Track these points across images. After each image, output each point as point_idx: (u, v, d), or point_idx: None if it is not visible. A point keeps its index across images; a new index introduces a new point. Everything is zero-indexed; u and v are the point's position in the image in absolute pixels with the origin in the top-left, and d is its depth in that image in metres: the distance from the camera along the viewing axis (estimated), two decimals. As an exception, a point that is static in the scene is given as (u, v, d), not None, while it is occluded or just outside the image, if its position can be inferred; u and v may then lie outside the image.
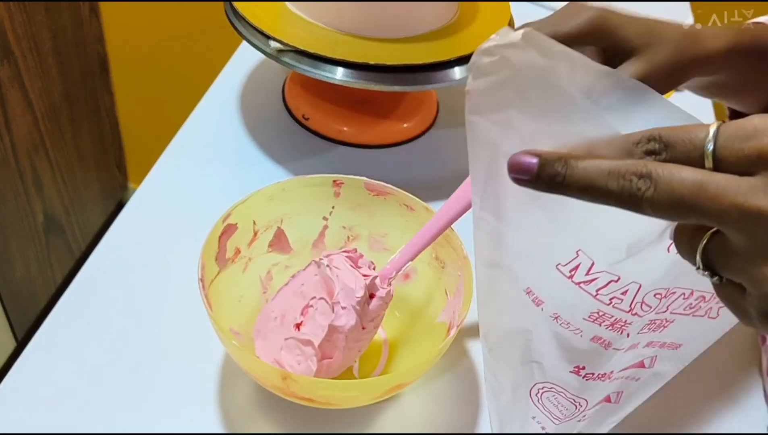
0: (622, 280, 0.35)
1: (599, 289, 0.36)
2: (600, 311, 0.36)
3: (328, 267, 0.51)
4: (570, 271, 0.35)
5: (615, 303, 0.36)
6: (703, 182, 0.25)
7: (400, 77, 0.66)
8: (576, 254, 0.35)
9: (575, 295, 0.36)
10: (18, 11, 1.19)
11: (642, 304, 0.36)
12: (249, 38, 0.68)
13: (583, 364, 0.39)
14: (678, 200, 0.25)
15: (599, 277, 0.35)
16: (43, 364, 0.55)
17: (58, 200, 1.46)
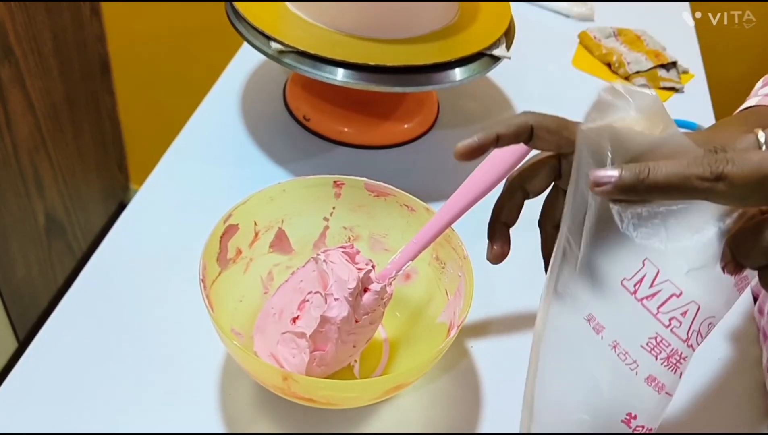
0: (683, 295, 0.36)
1: (660, 305, 0.36)
2: (658, 336, 0.37)
3: (324, 261, 0.51)
4: (635, 284, 0.37)
5: (674, 326, 0.37)
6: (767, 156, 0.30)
7: (401, 78, 0.66)
8: (642, 264, 0.36)
9: (637, 315, 0.37)
10: (19, 12, 1.19)
11: (698, 333, 0.37)
12: (250, 39, 0.68)
13: (635, 412, 0.39)
14: (754, 168, 0.30)
15: (663, 288, 0.36)
16: (44, 365, 0.55)
17: (59, 201, 1.46)
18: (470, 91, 0.89)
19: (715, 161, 0.30)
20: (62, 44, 1.34)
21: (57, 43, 1.32)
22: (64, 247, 1.52)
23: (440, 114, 0.85)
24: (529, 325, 0.62)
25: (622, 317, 0.37)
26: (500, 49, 0.72)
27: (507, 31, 0.75)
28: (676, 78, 0.95)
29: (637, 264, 0.36)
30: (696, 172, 0.30)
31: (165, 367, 0.55)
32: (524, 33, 0.92)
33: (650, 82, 0.93)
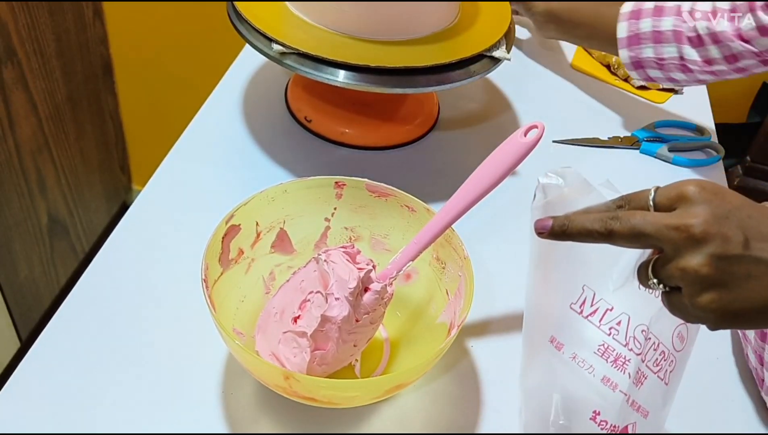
0: (615, 309, 0.48)
1: (601, 319, 0.48)
2: (605, 343, 0.48)
3: (325, 261, 0.51)
4: (580, 306, 0.49)
5: (613, 334, 0.48)
6: (646, 215, 0.40)
7: (402, 79, 0.67)
8: (582, 289, 0.49)
9: (586, 329, 0.48)
10: (22, 13, 1.19)
11: (634, 338, 0.48)
12: (252, 41, 0.69)
13: (598, 409, 0.49)
14: (632, 228, 0.40)
15: (600, 305, 0.48)
16: (47, 365, 0.55)
17: (62, 202, 1.46)
18: (470, 93, 0.89)
19: (609, 219, 0.41)
20: (65, 46, 1.34)
21: (60, 45, 1.33)
22: (66, 248, 1.52)
23: (440, 115, 0.86)
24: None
25: (576, 333, 0.49)
26: (500, 50, 0.72)
27: (507, 32, 0.75)
28: (676, 79, 0.95)
29: (579, 290, 0.49)
30: (595, 228, 0.41)
31: (167, 366, 0.56)
32: (524, 34, 0.93)
33: (649, 83, 0.93)
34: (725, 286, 0.39)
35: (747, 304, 0.39)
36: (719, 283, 0.39)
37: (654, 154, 0.83)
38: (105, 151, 1.61)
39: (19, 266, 1.35)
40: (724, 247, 0.38)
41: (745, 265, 0.39)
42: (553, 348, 0.49)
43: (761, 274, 0.39)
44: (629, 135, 0.85)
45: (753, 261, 0.38)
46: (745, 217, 0.39)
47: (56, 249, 1.48)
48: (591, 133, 0.85)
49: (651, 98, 0.93)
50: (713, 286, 0.39)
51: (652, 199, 0.41)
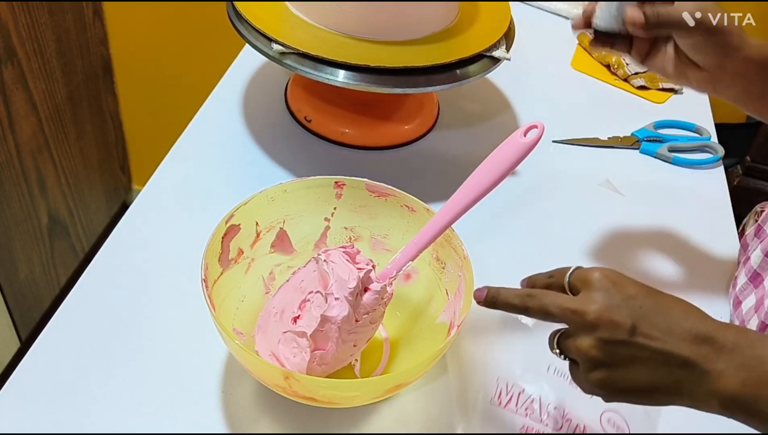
0: (526, 391, 0.55)
1: (517, 405, 0.55)
2: (525, 426, 0.54)
3: (325, 262, 0.51)
4: (498, 398, 0.55)
5: (530, 414, 0.55)
6: (556, 297, 0.45)
7: (402, 79, 0.67)
8: (497, 383, 0.56)
9: (505, 419, 0.54)
10: (22, 13, 1.19)
11: (548, 415, 0.54)
12: (252, 41, 0.69)
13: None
14: (542, 307, 0.45)
15: (512, 392, 0.55)
16: (46, 365, 0.55)
17: (62, 202, 1.47)
18: (470, 93, 0.89)
19: (526, 296, 0.46)
20: (65, 46, 1.35)
21: (60, 45, 1.33)
22: (66, 248, 1.52)
23: (440, 115, 0.86)
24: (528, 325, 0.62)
25: (497, 426, 0.54)
26: (500, 50, 0.72)
27: (507, 32, 0.75)
28: (675, 79, 0.95)
29: (494, 383, 0.56)
30: (515, 303, 0.46)
31: (167, 366, 0.56)
32: (524, 34, 0.93)
33: (649, 83, 0.93)
34: (612, 366, 0.43)
35: (632, 383, 0.43)
36: (607, 363, 0.43)
37: (654, 154, 0.83)
38: (105, 150, 1.61)
39: (19, 266, 1.35)
40: (611, 332, 0.42)
41: (629, 349, 0.42)
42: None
43: (645, 359, 0.42)
44: (629, 135, 0.85)
45: (637, 347, 0.42)
46: (637, 306, 0.43)
47: (56, 249, 1.48)
48: (591, 133, 0.85)
49: (651, 98, 0.93)
50: (602, 365, 0.43)
51: (568, 280, 0.46)
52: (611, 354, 0.43)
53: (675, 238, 0.73)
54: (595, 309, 0.43)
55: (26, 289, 1.39)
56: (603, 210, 0.75)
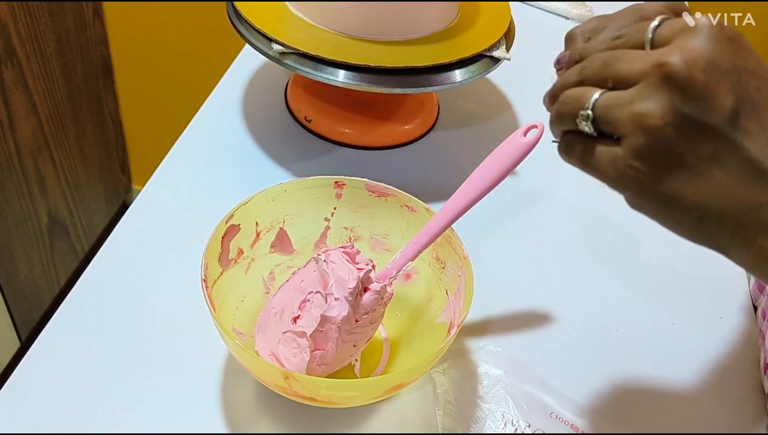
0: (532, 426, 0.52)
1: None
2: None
3: (325, 262, 0.51)
4: None
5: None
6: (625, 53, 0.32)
7: (402, 79, 0.67)
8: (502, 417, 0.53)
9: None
10: (22, 13, 1.19)
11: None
12: (251, 41, 0.69)
13: None
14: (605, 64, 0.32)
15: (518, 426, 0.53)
16: (46, 365, 0.55)
17: (62, 202, 1.47)
18: (470, 93, 0.89)
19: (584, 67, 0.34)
20: (65, 46, 1.35)
21: (60, 45, 1.33)
22: (66, 248, 1.52)
23: (440, 115, 0.86)
24: (529, 325, 0.62)
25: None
26: (500, 50, 0.72)
27: (507, 32, 0.75)
28: (675, 79, 0.95)
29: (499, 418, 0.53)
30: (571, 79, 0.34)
31: (167, 366, 0.56)
32: (524, 34, 0.93)
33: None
34: (677, 157, 0.30)
35: (690, 192, 0.31)
36: (667, 150, 0.30)
37: (654, 154, 0.83)
38: (105, 150, 1.61)
39: (19, 266, 1.35)
40: (701, 106, 0.29)
41: (714, 144, 0.30)
42: None
43: (729, 164, 0.30)
44: (629, 135, 0.85)
45: (728, 144, 0.29)
46: (752, 86, 0.29)
47: (56, 249, 1.48)
48: (591, 133, 0.85)
49: (651, 98, 0.92)
50: (658, 151, 0.30)
51: (652, 32, 0.31)
52: (683, 140, 0.30)
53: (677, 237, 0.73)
54: (688, 62, 0.29)
55: (26, 289, 1.39)
56: (603, 210, 0.75)
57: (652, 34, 0.31)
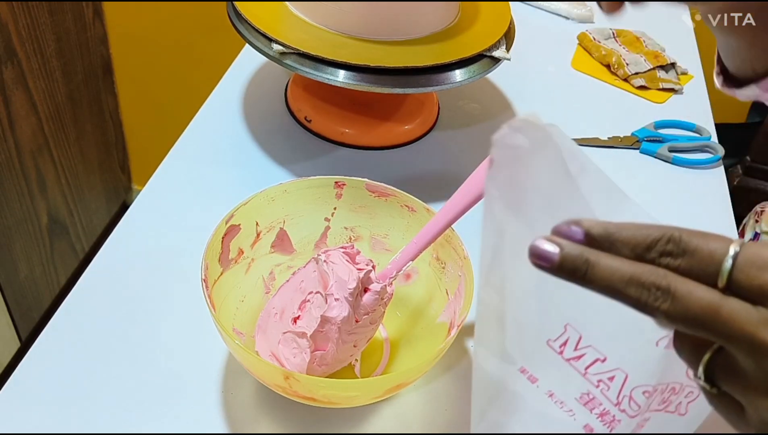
0: (608, 361, 0.36)
1: (587, 367, 0.36)
2: (590, 393, 0.37)
3: (325, 262, 0.51)
4: (560, 346, 0.36)
5: (602, 388, 0.36)
6: (719, 305, 0.27)
7: (402, 79, 0.67)
8: (564, 329, 0.36)
9: (566, 372, 0.36)
10: (22, 13, 1.19)
11: (630, 399, 0.36)
12: (251, 41, 0.69)
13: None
14: (692, 318, 0.27)
15: (586, 352, 0.36)
16: (46, 365, 0.55)
17: (62, 201, 1.47)
18: (470, 92, 0.89)
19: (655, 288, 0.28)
20: (65, 46, 1.35)
21: (60, 45, 1.33)
22: (66, 248, 1.52)
23: (440, 115, 0.86)
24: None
25: (553, 372, 0.37)
26: (500, 50, 0.72)
27: (507, 32, 0.75)
28: (675, 79, 0.95)
29: (560, 328, 0.36)
30: (630, 293, 0.28)
31: (167, 366, 0.56)
32: (524, 34, 0.93)
33: (649, 83, 0.93)
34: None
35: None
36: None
37: (654, 154, 0.83)
38: (105, 150, 1.61)
39: (19, 266, 1.35)
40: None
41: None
42: (526, 380, 0.38)
43: None
44: (629, 135, 0.85)
45: None
46: None
47: (56, 249, 1.48)
48: (591, 133, 0.85)
49: (651, 98, 0.93)
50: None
51: (730, 267, 0.27)
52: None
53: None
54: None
55: (26, 289, 1.39)
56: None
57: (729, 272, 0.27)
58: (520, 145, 0.35)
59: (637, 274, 0.28)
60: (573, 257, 0.29)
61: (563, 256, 0.29)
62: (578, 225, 0.30)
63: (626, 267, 0.28)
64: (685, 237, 0.28)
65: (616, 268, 0.28)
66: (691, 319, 0.27)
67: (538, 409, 0.38)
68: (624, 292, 0.28)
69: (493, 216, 0.35)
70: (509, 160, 0.36)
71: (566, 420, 0.38)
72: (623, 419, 0.36)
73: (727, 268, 0.27)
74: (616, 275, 0.28)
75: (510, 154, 0.36)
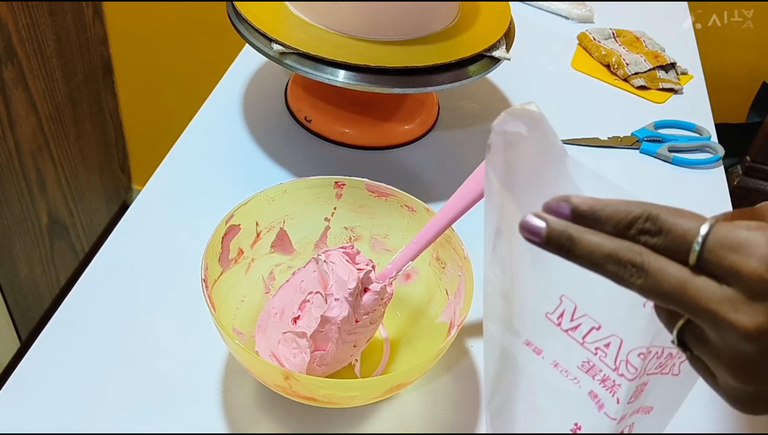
0: (603, 329, 0.37)
1: (584, 336, 0.38)
2: (590, 361, 0.38)
3: (325, 262, 0.51)
4: (557, 318, 0.38)
5: (600, 355, 0.38)
6: (686, 282, 0.29)
7: (401, 79, 0.67)
8: (560, 301, 0.38)
9: (566, 343, 0.38)
10: (22, 13, 1.19)
11: (627, 363, 0.38)
12: (251, 41, 0.69)
13: (580, 422, 0.41)
14: (662, 292, 0.30)
15: (582, 322, 0.37)
16: (46, 365, 0.55)
17: (62, 201, 1.47)
18: (470, 92, 0.89)
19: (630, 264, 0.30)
20: (65, 46, 1.35)
21: (60, 45, 1.33)
22: (66, 248, 1.52)
23: (440, 115, 0.86)
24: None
25: (554, 343, 0.39)
26: (500, 50, 0.72)
27: (507, 32, 0.75)
28: (675, 79, 0.95)
29: (556, 300, 0.37)
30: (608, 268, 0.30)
31: (167, 366, 0.56)
32: (524, 34, 0.93)
33: (649, 83, 0.93)
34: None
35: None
36: None
37: (654, 154, 0.83)
38: (105, 150, 1.61)
39: (19, 266, 1.35)
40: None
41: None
42: (531, 351, 0.40)
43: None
44: (629, 135, 0.85)
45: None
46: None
47: (56, 249, 1.48)
48: (591, 133, 0.85)
49: (651, 98, 0.93)
50: (758, 375, 0.29)
51: (698, 250, 0.29)
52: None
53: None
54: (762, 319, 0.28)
55: (26, 289, 1.39)
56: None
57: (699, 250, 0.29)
58: (518, 132, 0.37)
59: (615, 251, 0.30)
60: (558, 232, 0.31)
61: (549, 231, 0.32)
62: (566, 201, 0.32)
63: (606, 243, 0.31)
64: (663, 215, 0.30)
65: (597, 244, 0.31)
66: (663, 294, 0.30)
67: (546, 380, 0.40)
68: (603, 267, 0.31)
69: (492, 197, 0.37)
70: (506, 144, 0.38)
71: (572, 388, 0.39)
72: (623, 383, 0.38)
73: (696, 248, 0.29)
74: (596, 252, 0.31)
75: (507, 140, 0.38)
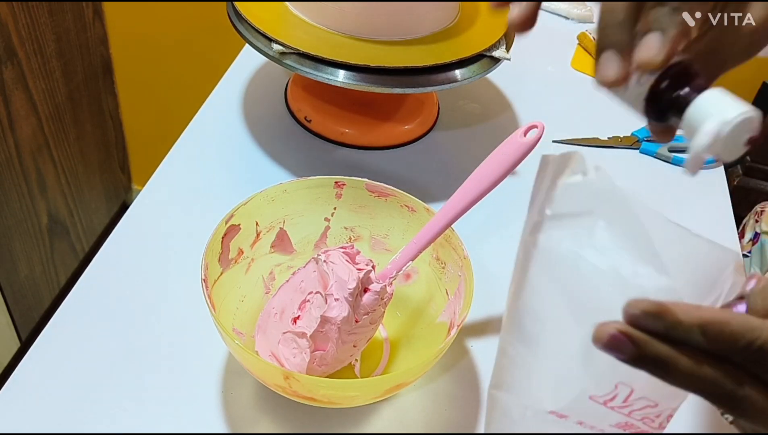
0: (660, 406, 0.35)
1: (633, 411, 0.35)
2: (629, 423, 0.36)
3: (325, 262, 0.51)
4: (605, 401, 0.35)
5: (647, 422, 0.36)
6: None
7: (401, 79, 0.67)
8: (615, 387, 0.34)
9: (606, 413, 0.36)
10: (22, 13, 1.19)
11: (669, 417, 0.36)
12: (251, 41, 0.69)
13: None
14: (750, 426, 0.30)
15: (636, 403, 0.35)
16: (46, 365, 0.55)
17: (62, 201, 1.47)
18: (470, 92, 0.89)
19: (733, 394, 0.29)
20: (65, 46, 1.35)
21: (60, 45, 1.33)
22: (66, 248, 1.52)
23: (440, 115, 0.86)
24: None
25: (590, 413, 0.36)
26: (500, 50, 0.72)
27: (507, 32, 0.75)
28: (675, 79, 0.95)
29: (609, 387, 0.34)
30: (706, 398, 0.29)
31: (167, 366, 0.56)
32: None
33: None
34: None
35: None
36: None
37: (654, 154, 0.83)
38: (105, 150, 1.61)
39: (19, 266, 1.35)
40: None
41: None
42: (554, 417, 0.37)
43: None
44: (629, 135, 0.85)
45: None
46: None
47: (56, 249, 1.48)
48: (591, 133, 0.85)
49: (651, 98, 0.93)
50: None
51: None
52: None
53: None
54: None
55: (26, 289, 1.39)
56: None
57: None
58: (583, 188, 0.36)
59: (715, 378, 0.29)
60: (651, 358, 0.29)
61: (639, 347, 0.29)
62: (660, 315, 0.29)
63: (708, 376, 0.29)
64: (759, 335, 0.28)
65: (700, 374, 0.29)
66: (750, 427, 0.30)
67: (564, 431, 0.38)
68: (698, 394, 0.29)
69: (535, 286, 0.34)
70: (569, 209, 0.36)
71: None
72: None
73: None
74: (694, 379, 0.29)
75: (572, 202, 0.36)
